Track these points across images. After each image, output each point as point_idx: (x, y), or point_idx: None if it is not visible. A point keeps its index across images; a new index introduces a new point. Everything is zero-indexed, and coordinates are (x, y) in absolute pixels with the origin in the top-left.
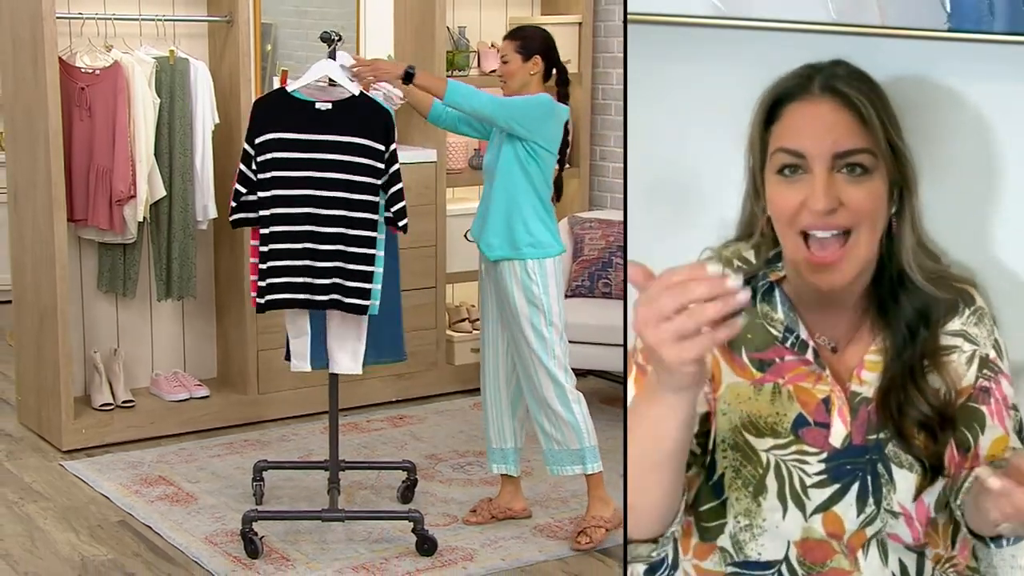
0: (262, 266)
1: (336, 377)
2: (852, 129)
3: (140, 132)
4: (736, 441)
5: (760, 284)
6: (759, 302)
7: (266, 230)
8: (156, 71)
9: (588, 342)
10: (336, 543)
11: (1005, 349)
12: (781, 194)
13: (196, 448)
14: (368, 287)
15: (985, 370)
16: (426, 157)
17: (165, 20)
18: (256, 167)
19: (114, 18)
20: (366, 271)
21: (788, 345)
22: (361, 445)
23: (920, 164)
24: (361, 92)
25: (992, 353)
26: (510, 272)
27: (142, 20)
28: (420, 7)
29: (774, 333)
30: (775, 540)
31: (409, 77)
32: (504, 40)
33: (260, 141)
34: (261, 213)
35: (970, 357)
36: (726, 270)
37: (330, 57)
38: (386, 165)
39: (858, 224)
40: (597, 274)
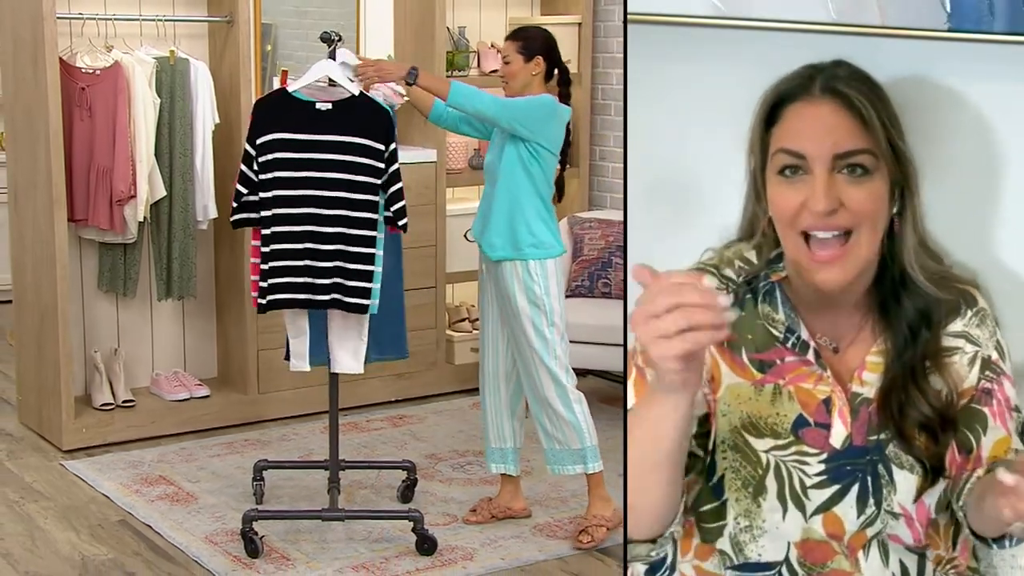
0: (263, 266)
1: (336, 376)
2: (853, 130)
3: (140, 132)
4: (736, 442)
5: (761, 284)
6: (760, 303)
7: (267, 230)
8: (156, 71)
9: (588, 342)
10: (336, 542)
11: (1007, 350)
12: (782, 195)
13: (196, 448)
14: (369, 286)
15: (987, 371)
16: (426, 157)
17: (165, 20)
18: (258, 167)
19: (114, 18)
20: (367, 270)
21: (789, 346)
22: (361, 445)
23: (921, 164)
24: (361, 92)
25: (994, 354)
26: (512, 272)
27: (142, 20)
28: (420, 7)
29: (775, 334)
30: (775, 541)
31: (413, 78)
32: (506, 41)
33: (261, 142)
34: (262, 213)
35: (972, 358)
36: (719, 286)
37: (330, 57)
38: (386, 164)
39: (859, 225)
40: (597, 274)
